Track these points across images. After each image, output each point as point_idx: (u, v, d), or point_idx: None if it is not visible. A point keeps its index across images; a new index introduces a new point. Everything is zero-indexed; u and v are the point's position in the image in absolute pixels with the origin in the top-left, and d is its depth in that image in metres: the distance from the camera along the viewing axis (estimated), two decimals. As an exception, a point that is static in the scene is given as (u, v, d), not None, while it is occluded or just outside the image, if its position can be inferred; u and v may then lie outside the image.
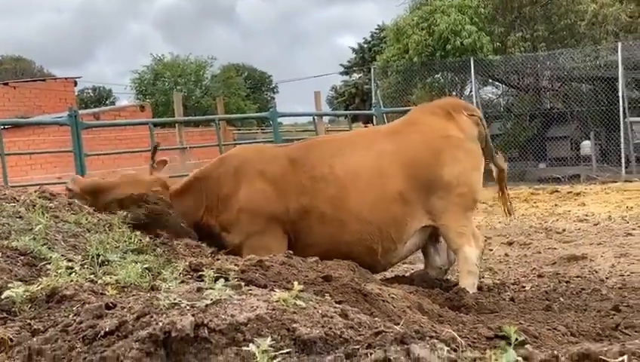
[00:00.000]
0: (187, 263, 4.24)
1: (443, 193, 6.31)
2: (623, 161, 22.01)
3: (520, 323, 4.40)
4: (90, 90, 62.81)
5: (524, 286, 7.31)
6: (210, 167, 6.97)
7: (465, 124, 6.62)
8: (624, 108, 22.10)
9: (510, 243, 10.52)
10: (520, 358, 2.06)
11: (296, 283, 2.69)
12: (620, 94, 22.10)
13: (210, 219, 6.69)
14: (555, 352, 2.08)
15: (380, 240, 6.34)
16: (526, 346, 2.17)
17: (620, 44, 22.48)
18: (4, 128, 10.50)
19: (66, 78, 31.75)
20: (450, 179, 6.32)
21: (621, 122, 22.12)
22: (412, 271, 7.26)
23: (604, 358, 2.07)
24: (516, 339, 2.21)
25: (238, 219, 6.50)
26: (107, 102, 61.23)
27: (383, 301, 4.28)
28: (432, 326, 3.71)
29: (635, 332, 4.67)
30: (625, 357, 2.07)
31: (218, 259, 4.94)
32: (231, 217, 6.54)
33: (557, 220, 13.20)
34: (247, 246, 6.27)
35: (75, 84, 32.35)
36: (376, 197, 6.31)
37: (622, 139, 22.12)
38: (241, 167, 6.70)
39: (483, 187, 6.79)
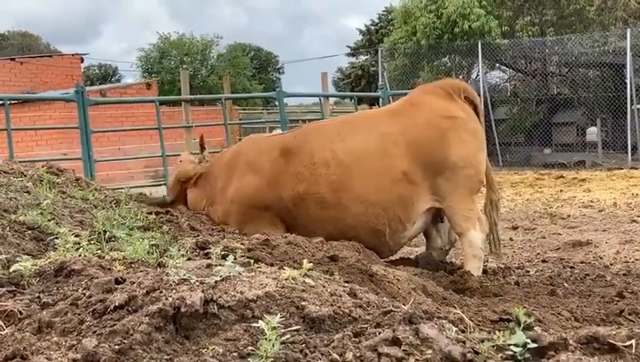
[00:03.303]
0: (194, 240, 4.25)
1: (449, 174, 6.25)
2: (629, 147, 21.95)
3: (524, 307, 4.40)
4: (96, 67, 62.85)
5: (529, 271, 7.31)
6: (214, 160, 7.25)
7: (466, 104, 6.58)
8: (631, 95, 22.01)
9: (515, 228, 10.52)
10: (529, 340, 2.07)
11: (305, 261, 2.69)
12: (628, 81, 22.01)
13: (210, 211, 6.85)
14: (564, 335, 2.09)
15: (387, 221, 6.31)
16: (534, 328, 2.17)
17: (629, 31, 22.36)
18: (10, 104, 10.50)
19: (72, 55, 31.70)
20: (457, 160, 6.25)
21: (628, 109, 22.04)
22: (416, 254, 7.25)
23: (613, 341, 2.08)
24: (524, 321, 2.22)
25: (232, 210, 6.63)
26: (113, 79, 61.27)
27: (389, 282, 4.29)
28: (439, 307, 3.72)
29: (639, 318, 4.67)
30: (633, 341, 2.07)
31: (224, 238, 4.95)
32: (226, 208, 6.68)
33: (562, 206, 13.19)
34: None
35: (82, 60, 32.30)
36: (379, 178, 6.26)
37: (628, 126, 22.05)
38: (235, 158, 6.85)
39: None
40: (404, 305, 2.61)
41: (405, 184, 6.27)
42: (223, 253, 3.35)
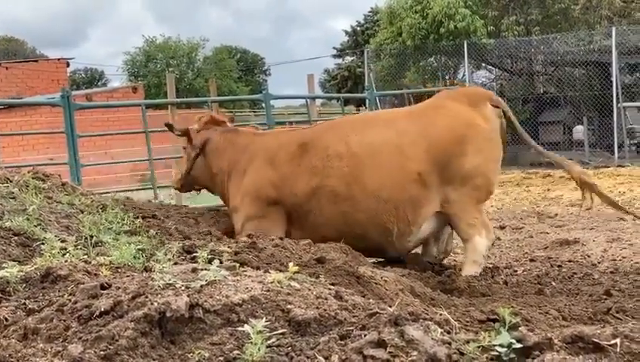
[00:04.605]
0: (180, 245, 4.24)
1: (461, 181, 6.30)
2: (615, 146, 22.01)
3: (512, 307, 4.41)
4: (82, 72, 62.63)
5: (517, 271, 7.32)
6: (243, 134, 7.28)
7: (489, 114, 6.57)
8: (617, 94, 22.09)
9: (503, 228, 10.53)
10: (514, 340, 2.07)
11: (291, 264, 2.70)
12: (614, 79, 22.09)
13: (227, 186, 7.03)
14: (549, 335, 2.10)
15: (396, 220, 6.35)
16: (520, 329, 2.18)
17: (614, 29, 22.44)
18: (-4, 109, 10.46)
19: (58, 59, 31.57)
20: (470, 168, 6.29)
21: (614, 107, 22.11)
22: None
23: (597, 341, 2.09)
24: (510, 322, 2.22)
25: (244, 200, 6.72)
26: (99, 83, 61.07)
27: (376, 283, 4.30)
28: (425, 308, 3.72)
29: (627, 316, 4.69)
30: (618, 339, 2.08)
31: (211, 241, 4.95)
32: (240, 195, 6.77)
33: (549, 204, 13.22)
34: (246, 229, 6.47)
35: (68, 65, 32.19)
36: (393, 175, 6.30)
37: (615, 125, 22.13)
38: (258, 147, 6.94)
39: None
40: (390, 306, 2.62)
41: (418, 185, 6.31)
42: (209, 256, 3.35)
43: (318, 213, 6.43)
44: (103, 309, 2.32)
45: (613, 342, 2.07)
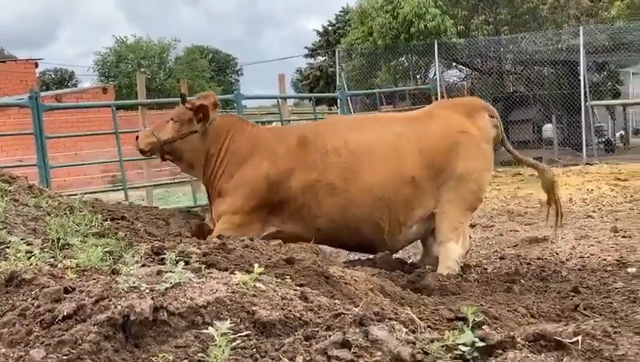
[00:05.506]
0: (149, 246, 4.21)
1: (453, 184, 6.48)
2: (584, 144, 22.25)
3: (481, 305, 4.44)
4: (52, 72, 61.99)
5: (487, 268, 7.36)
6: (250, 128, 7.17)
7: (483, 124, 6.79)
8: (585, 92, 22.32)
9: (473, 226, 10.57)
10: (477, 339, 2.09)
11: (256, 265, 2.69)
12: (582, 78, 22.31)
13: (219, 173, 6.92)
14: (512, 333, 2.11)
15: (388, 219, 6.50)
16: (483, 327, 2.19)
17: (581, 28, 22.67)
18: (-37, 110, 10.33)
19: (26, 60, 31.18)
20: (462, 172, 6.47)
21: (582, 106, 22.33)
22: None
23: (559, 338, 2.11)
24: (474, 321, 2.23)
25: (235, 190, 6.71)
26: (69, 84, 60.49)
27: (345, 283, 4.29)
28: (394, 308, 3.73)
29: (594, 312, 4.74)
30: (579, 337, 2.11)
31: (181, 242, 4.92)
32: (228, 186, 6.75)
33: (519, 203, 13.31)
34: (225, 221, 6.58)
35: (36, 65, 31.75)
36: (389, 176, 6.45)
37: (583, 123, 22.35)
38: (261, 140, 6.95)
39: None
40: (355, 307, 2.62)
41: (411, 187, 6.48)
42: (177, 258, 3.33)
43: (314, 206, 6.52)
44: (65, 313, 2.30)
45: (574, 339, 2.10)
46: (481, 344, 2.07)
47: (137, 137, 7.36)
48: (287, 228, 6.54)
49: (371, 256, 7.03)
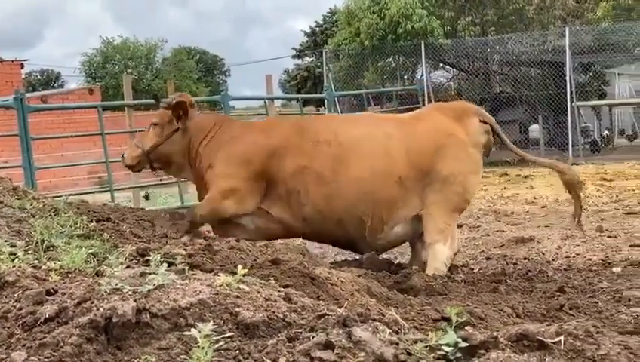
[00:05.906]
0: (134, 248, 4.19)
1: (439, 186, 6.50)
2: (570, 144, 22.36)
3: (467, 305, 4.44)
4: (38, 73, 61.70)
5: (473, 269, 7.39)
6: (230, 120, 7.44)
7: (473, 129, 6.79)
8: (571, 93, 22.42)
9: (459, 226, 10.57)
10: (460, 339, 2.09)
11: (240, 267, 2.68)
12: (568, 79, 22.42)
13: (204, 151, 6.90)
14: (495, 333, 2.12)
15: (371, 215, 6.52)
16: (466, 327, 2.19)
17: (567, 29, 22.78)
18: (-53, 112, 10.28)
19: (12, 61, 31.02)
20: (448, 174, 6.50)
21: (568, 106, 22.44)
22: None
23: (542, 338, 2.11)
24: (457, 321, 2.24)
25: (227, 162, 6.72)
26: (55, 85, 60.17)
27: (331, 284, 4.29)
28: (380, 309, 3.73)
29: (579, 312, 4.76)
30: (561, 337, 2.11)
31: (166, 244, 4.90)
32: (218, 164, 6.73)
33: (506, 203, 13.35)
34: (216, 187, 6.64)
35: (22, 66, 31.61)
36: (376, 172, 6.49)
37: (569, 123, 22.45)
38: (254, 123, 7.43)
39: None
40: (340, 308, 2.62)
41: (398, 186, 6.52)
42: (162, 260, 3.31)
43: (302, 193, 6.54)
44: (47, 315, 2.29)
45: (557, 339, 2.10)
46: (464, 344, 2.07)
47: (123, 155, 7.41)
48: (275, 211, 6.58)
49: (358, 257, 7.04)
